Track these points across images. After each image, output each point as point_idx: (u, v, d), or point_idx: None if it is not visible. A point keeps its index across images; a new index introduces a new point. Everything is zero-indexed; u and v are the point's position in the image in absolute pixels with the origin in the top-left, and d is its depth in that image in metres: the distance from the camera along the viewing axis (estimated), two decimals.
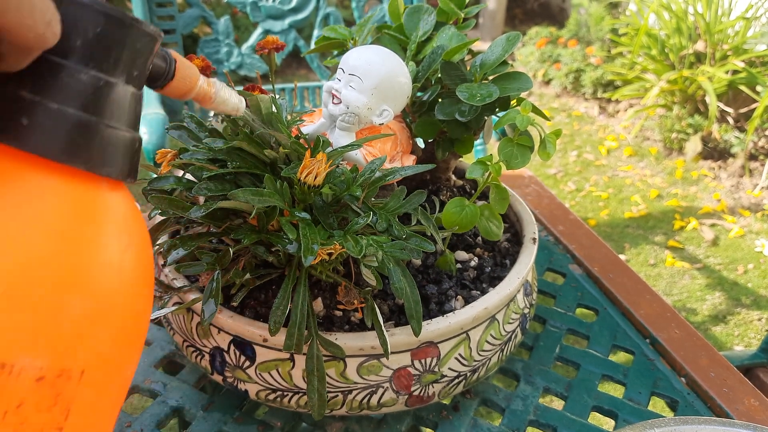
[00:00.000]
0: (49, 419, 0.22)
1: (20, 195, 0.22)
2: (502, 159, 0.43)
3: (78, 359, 0.23)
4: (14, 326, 0.21)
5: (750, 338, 1.50)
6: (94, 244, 0.23)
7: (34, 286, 0.22)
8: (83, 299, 0.23)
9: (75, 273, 0.23)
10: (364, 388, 0.40)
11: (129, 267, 0.25)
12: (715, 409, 0.48)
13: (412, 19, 0.50)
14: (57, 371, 0.22)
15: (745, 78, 2.19)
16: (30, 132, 0.22)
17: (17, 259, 0.21)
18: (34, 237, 0.22)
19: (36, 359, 0.21)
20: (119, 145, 0.25)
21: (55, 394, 0.22)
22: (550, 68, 2.88)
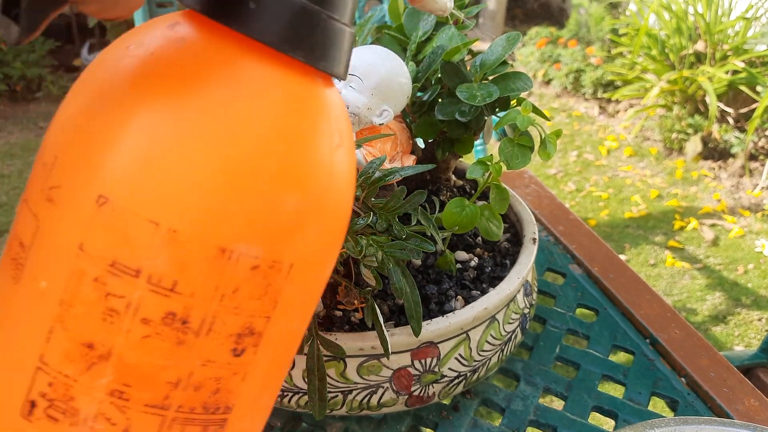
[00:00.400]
0: (259, 307, 0.23)
1: (243, 84, 0.22)
2: (503, 159, 0.43)
3: (288, 253, 0.23)
4: (236, 214, 0.21)
5: (750, 338, 1.50)
6: (310, 141, 0.23)
7: (255, 176, 0.22)
8: (298, 194, 0.23)
9: (292, 167, 0.23)
10: (364, 388, 0.40)
11: (338, 167, 0.24)
12: (715, 409, 0.48)
13: (412, 19, 0.50)
14: (270, 262, 0.22)
15: (745, 78, 2.19)
16: (257, 17, 0.22)
17: (240, 149, 0.22)
18: (255, 128, 0.22)
19: (253, 248, 0.22)
20: (338, 39, 0.24)
21: (266, 284, 0.23)
22: (550, 68, 2.88)
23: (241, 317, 0.23)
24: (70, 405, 0.22)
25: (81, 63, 2.79)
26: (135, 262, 0.21)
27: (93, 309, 0.21)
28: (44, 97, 2.65)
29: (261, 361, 0.24)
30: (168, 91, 0.22)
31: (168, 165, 0.21)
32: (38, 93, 2.65)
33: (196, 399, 0.23)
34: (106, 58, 0.24)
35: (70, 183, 0.22)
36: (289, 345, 0.26)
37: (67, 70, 2.80)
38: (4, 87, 2.57)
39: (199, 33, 0.23)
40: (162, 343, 0.22)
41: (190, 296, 0.21)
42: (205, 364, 0.23)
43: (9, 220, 1.88)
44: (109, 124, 0.21)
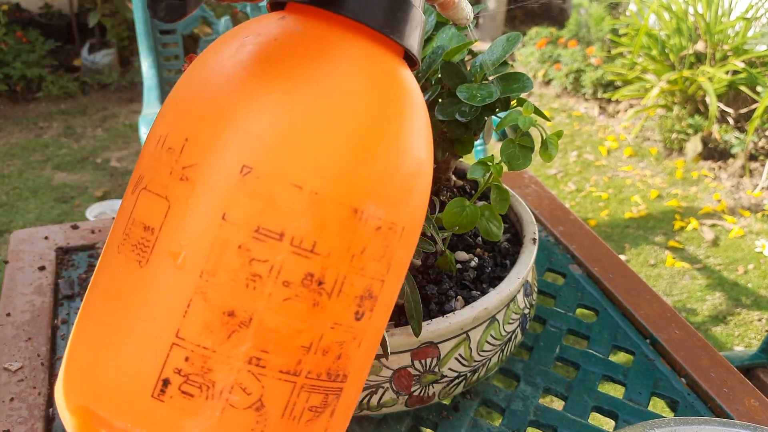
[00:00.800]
0: (378, 269, 0.24)
1: (358, 62, 0.25)
2: (505, 160, 0.43)
3: (403, 216, 0.25)
4: (365, 177, 0.23)
5: (750, 338, 1.50)
6: (412, 112, 0.26)
7: (377, 142, 0.24)
8: (410, 160, 0.25)
9: (404, 134, 0.25)
10: (364, 389, 0.40)
11: (427, 136, 0.27)
12: (715, 409, 0.48)
13: None
14: (389, 224, 0.24)
15: (745, 78, 2.19)
16: (360, 3, 0.25)
17: (364, 118, 0.24)
18: (373, 101, 0.24)
19: (378, 209, 0.24)
20: (418, 23, 0.27)
21: (385, 246, 0.24)
22: (550, 68, 2.88)
23: (365, 279, 0.24)
24: (207, 378, 0.22)
25: (81, 63, 2.79)
26: (279, 225, 0.22)
27: (236, 276, 0.22)
28: (44, 97, 2.65)
29: (372, 327, 0.25)
30: (296, 70, 0.24)
31: (305, 135, 0.23)
32: (38, 93, 2.65)
33: (323, 364, 0.24)
34: (220, 50, 0.25)
35: (208, 159, 0.23)
36: (388, 313, 0.27)
37: (67, 70, 2.80)
38: (4, 87, 2.58)
39: (308, 21, 0.25)
40: (300, 305, 0.23)
41: (326, 257, 0.23)
42: (333, 327, 0.23)
43: (9, 220, 1.88)
44: (244, 102, 0.23)
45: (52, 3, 2.96)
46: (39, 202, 1.98)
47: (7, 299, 0.55)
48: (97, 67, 2.75)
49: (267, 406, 0.23)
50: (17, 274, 0.59)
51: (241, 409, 0.22)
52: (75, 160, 2.23)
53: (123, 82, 2.77)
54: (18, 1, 2.90)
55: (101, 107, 2.62)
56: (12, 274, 0.59)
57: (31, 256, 0.61)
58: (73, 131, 2.43)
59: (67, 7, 2.94)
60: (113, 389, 0.23)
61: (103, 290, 0.24)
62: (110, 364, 0.23)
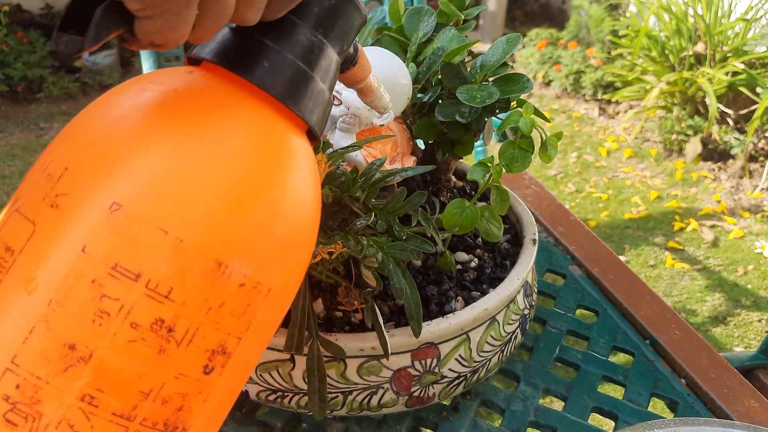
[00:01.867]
0: (236, 326, 0.24)
1: (252, 123, 0.26)
2: (503, 162, 0.43)
3: (270, 277, 0.25)
4: (237, 232, 0.23)
5: (750, 339, 1.50)
6: (303, 179, 0.26)
7: (257, 201, 0.24)
8: (286, 224, 0.25)
9: (289, 199, 0.25)
10: (364, 389, 0.40)
11: (314, 207, 0.27)
12: (715, 410, 0.48)
13: (412, 20, 0.50)
14: (254, 282, 0.24)
15: (745, 79, 2.19)
16: (266, 72, 0.26)
17: (246, 176, 0.24)
18: (261, 161, 0.25)
19: (244, 266, 0.24)
20: (322, 101, 0.28)
21: (246, 303, 0.24)
22: (550, 70, 2.88)
23: (220, 333, 0.24)
24: (34, 409, 0.22)
25: (82, 64, 2.79)
26: (137, 266, 0.22)
27: (84, 309, 0.22)
28: (45, 98, 2.65)
29: (222, 385, 0.25)
30: (188, 121, 0.24)
31: (181, 182, 0.23)
32: (39, 94, 2.65)
33: (160, 414, 0.23)
34: (125, 91, 0.26)
35: (81, 191, 0.23)
36: (244, 375, 0.27)
37: (68, 71, 2.80)
38: (5, 88, 2.58)
39: (214, 79, 0.26)
40: (145, 349, 0.22)
41: (181, 305, 0.23)
42: (177, 377, 0.23)
43: None
44: (130, 142, 0.24)
45: (53, 4, 2.97)
46: None
47: None
48: (98, 68, 2.76)
49: None
50: None
51: None
52: None
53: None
54: (19, 2, 2.90)
55: None
56: None
57: None
58: None
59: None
60: None
61: None
62: None
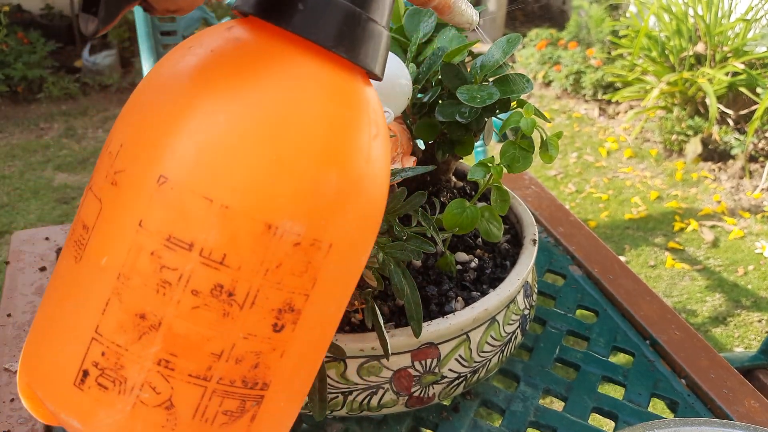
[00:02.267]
0: (300, 284, 0.24)
1: (291, 76, 0.25)
2: (504, 162, 0.43)
3: (328, 232, 0.25)
4: (282, 192, 0.23)
5: (750, 340, 1.50)
6: (350, 128, 0.25)
7: (299, 158, 0.24)
8: (338, 177, 0.24)
9: (333, 151, 0.25)
10: (364, 389, 0.40)
11: (375, 155, 0.26)
12: (715, 410, 0.48)
13: (412, 20, 0.50)
14: (311, 240, 0.24)
15: (745, 80, 2.19)
16: (304, 17, 0.24)
17: (286, 132, 0.24)
18: (299, 115, 0.24)
19: (296, 225, 0.24)
20: (377, 40, 0.26)
21: (306, 261, 0.24)
22: (550, 70, 2.89)
23: (283, 293, 0.24)
24: (119, 373, 0.23)
25: (82, 64, 2.79)
26: (189, 235, 0.23)
27: (148, 281, 0.23)
28: (45, 98, 2.65)
29: (298, 340, 0.25)
30: (223, 83, 0.24)
31: (222, 147, 0.23)
32: (39, 94, 2.66)
33: (236, 372, 0.24)
34: (169, 58, 0.26)
35: (133, 166, 0.24)
36: (326, 327, 0.27)
37: (68, 72, 2.80)
38: (5, 88, 2.58)
39: (253, 33, 0.25)
40: (209, 314, 0.23)
41: (237, 269, 0.23)
42: (246, 337, 0.24)
43: (10, 221, 1.88)
44: (171, 113, 0.24)
45: (54, 4, 2.97)
46: (40, 203, 1.98)
47: (8, 300, 0.56)
48: (98, 68, 2.76)
49: (177, 406, 0.24)
50: (18, 275, 0.59)
51: (151, 406, 0.23)
52: (76, 161, 2.23)
53: (124, 83, 2.77)
54: (19, 3, 2.90)
55: (102, 108, 2.62)
56: (13, 275, 0.59)
57: (32, 257, 0.61)
58: (74, 132, 2.43)
59: (68, 8, 2.95)
60: (46, 374, 0.25)
61: (52, 281, 0.27)
62: (46, 351, 0.25)
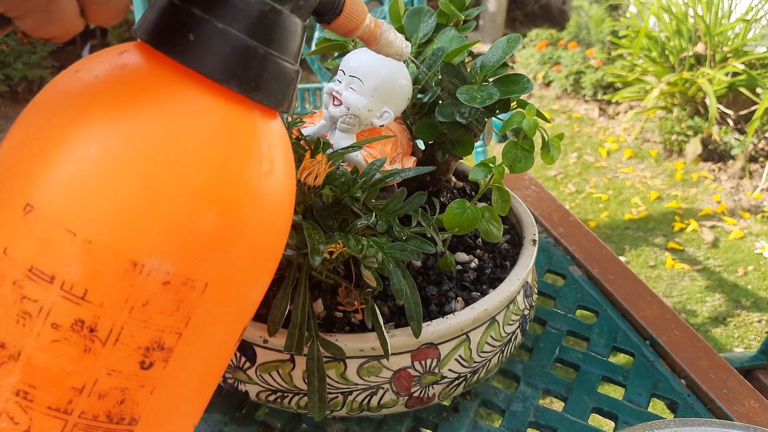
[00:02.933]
0: (171, 323, 0.24)
1: (174, 108, 0.23)
2: (507, 162, 0.43)
3: (203, 272, 0.24)
4: (150, 230, 0.22)
5: (750, 340, 1.50)
6: (234, 166, 0.24)
7: (172, 195, 0.23)
8: (216, 216, 0.24)
9: (211, 189, 0.23)
10: (364, 389, 0.40)
11: (266, 192, 0.25)
12: (715, 410, 0.48)
13: (412, 21, 0.50)
14: (182, 279, 0.23)
15: (745, 80, 2.19)
16: (194, 48, 0.23)
17: (161, 167, 0.23)
18: (178, 149, 0.23)
19: (164, 263, 0.23)
20: (276, 73, 0.25)
21: (178, 300, 0.24)
22: (550, 70, 2.89)
23: (151, 331, 0.23)
24: None
25: None
26: (51, 268, 0.22)
27: (9, 310, 0.23)
28: None
29: (173, 377, 0.25)
30: (101, 112, 0.23)
31: (90, 179, 0.22)
32: None
33: (99, 407, 0.24)
34: (57, 81, 0.25)
35: (3, 190, 0.23)
36: (209, 364, 0.27)
37: None
38: (5, 88, 2.58)
39: (143, 60, 0.24)
40: (69, 349, 0.23)
41: (99, 305, 0.22)
42: (110, 374, 0.23)
43: None
44: (45, 139, 0.23)
45: None
46: None
47: None
48: None
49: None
50: None
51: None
52: None
53: None
54: None
55: None
56: None
57: None
58: None
59: None
60: None
61: None
62: None
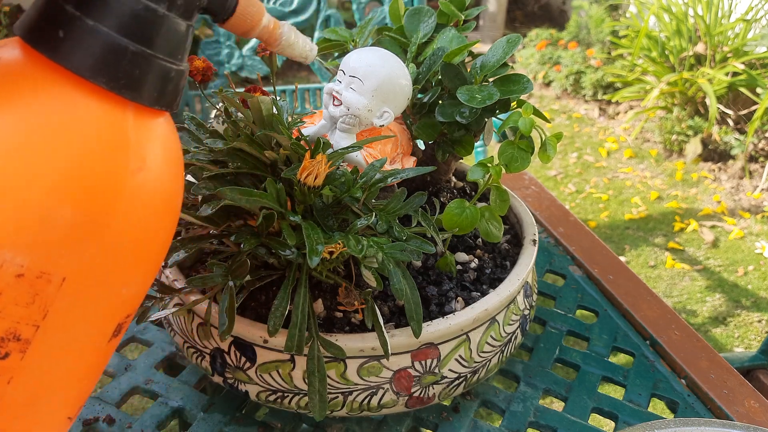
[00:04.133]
0: (26, 314, 0.24)
1: (39, 102, 0.23)
2: (503, 162, 0.43)
3: (60, 266, 0.24)
4: (2, 222, 0.22)
5: (750, 340, 1.50)
6: (97, 161, 0.24)
7: (26, 188, 0.23)
8: (73, 210, 0.23)
9: (70, 183, 0.23)
10: (364, 390, 0.40)
11: (136, 190, 0.25)
12: (715, 410, 0.48)
13: (412, 21, 0.50)
14: (37, 272, 0.23)
15: (745, 80, 2.19)
16: (63, 45, 0.23)
17: (17, 160, 0.23)
18: (35, 141, 0.23)
19: (17, 256, 0.23)
20: (151, 71, 0.25)
21: (33, 293, 0.24)
22: (550, 70, 2.89)
23: (5, 321, 0.24)
24: None
25: None
26: None
27: None
28: None
29: (33, 369, 0.25)
30: None
31: None
32: None
33: None
34: None
35: None
36: (78, 357, 0.27)
37: None
38: None
39: (20, 55, 0.24)
40: None
41: None
42: None
43: None
44: None
45: None
46: None
47: None
48: None
49: None
50: None
51: None
52: None
53: None
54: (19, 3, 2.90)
55: None
56: None
57: None
58: None
59: None
60: None
61: None
62: None
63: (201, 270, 0.46)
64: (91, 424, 0.44)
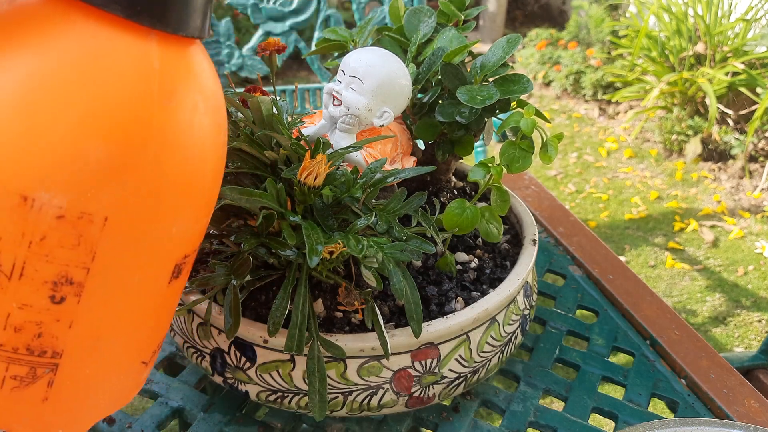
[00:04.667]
0: (74, 257, 0.24)
1: (58, 37, 0.23)
2: (504, 162, 0.43)
3: (99, 205, 0.23)
4: (37, 163, 0.22)
5: (750, 340, 1.50)
6: (122, 94, 0.23)
7: (55, 127, 0.22)
8: (104, 145, 0.23)
9: (96, 118, 0.23)
10: (364, 389, 0.40)
11: (168, 122, 0.24)
12: (715, 410, 0.48)
13: (412, 21, 0.50)
14: (77, 213, 0.23)
15: (745, 80, 2.19)
16: None
17: (41, 98, 0.22)
18: (59, 76, 0.22)
19: (54, 197, 0.23)
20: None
21: (77, 234, 0.23)
22: (550, 70, 2.89)
23: (54, 265, 0.23)
24: None
25: None
26: None
27: None
28: None
29: (89, 311, 0.25)
30: None
31: None
32: None
33: (18, 340, 0.24)
34: None
35: None
36: (136, 299, 0.26)
37: None
38: None
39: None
40: None
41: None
42: (22, 308, 0.24)
43: None
44: None
45: None
46: None
47: None
48: None
49: None
50: None
51: None
52: None
53: None
54: None
55: None
56: None
57: None
58: None
59: None
60: None
61: None
62: None
63: (201, 270, 0.46)
64: None
